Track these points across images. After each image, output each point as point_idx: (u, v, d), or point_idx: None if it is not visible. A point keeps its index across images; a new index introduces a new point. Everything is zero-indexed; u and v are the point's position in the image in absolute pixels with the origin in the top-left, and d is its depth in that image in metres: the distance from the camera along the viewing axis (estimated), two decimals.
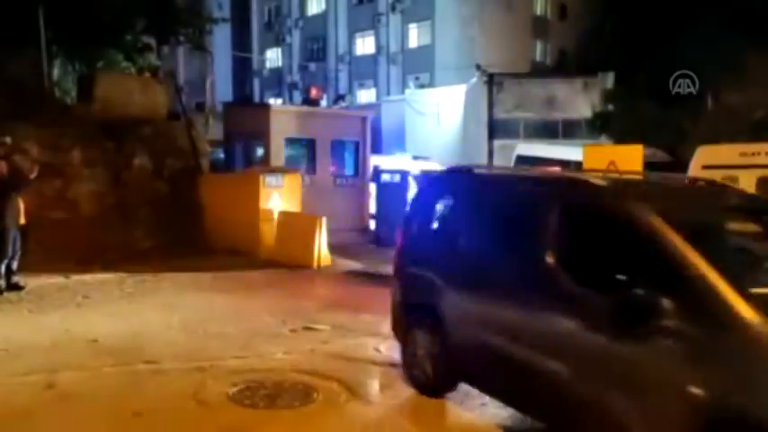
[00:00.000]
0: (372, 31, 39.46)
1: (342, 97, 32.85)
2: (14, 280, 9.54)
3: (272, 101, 38.56)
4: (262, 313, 8.60)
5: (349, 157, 16.91)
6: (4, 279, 9.42)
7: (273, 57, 46.31)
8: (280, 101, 40.91)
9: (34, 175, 10.07)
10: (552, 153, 23.17)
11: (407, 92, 34.77)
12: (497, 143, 25.57)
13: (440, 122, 29.99)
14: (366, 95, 39.41)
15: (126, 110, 14.30)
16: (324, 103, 24.20)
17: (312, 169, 15.73)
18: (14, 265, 9.54)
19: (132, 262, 11.59)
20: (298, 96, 39.51)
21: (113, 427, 4.94)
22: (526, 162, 22.73)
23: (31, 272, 9.98)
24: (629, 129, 22.96)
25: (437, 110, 30.17)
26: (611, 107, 26.95)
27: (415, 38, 37.96)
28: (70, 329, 7.54)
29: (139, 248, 12.70)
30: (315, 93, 18.54)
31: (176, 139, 15.33)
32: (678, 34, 22.89)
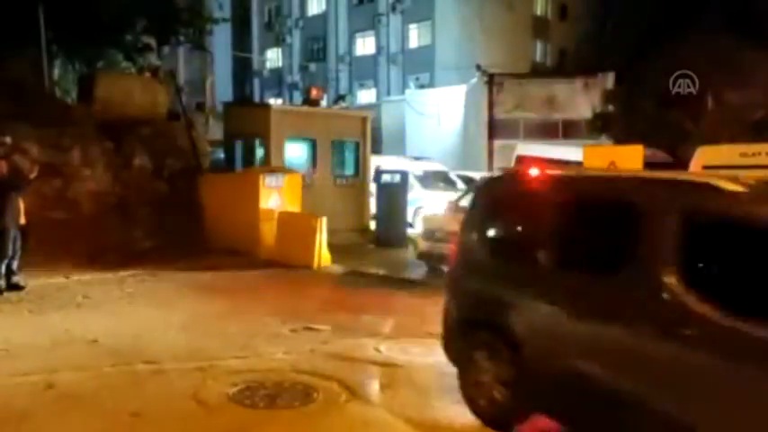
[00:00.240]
0: (373, 32, 39.48)
1: (342, 97, 32.79)
2: (14, 280, 9.54)
3: (272, 101, 38.51)
4: (262, 313, 8.60)
5: (349, 157, 16.90)
6: (4, 279, 9.42)
7: (274, 57, 46.32)
8: (280, 101, 40.89)
9: (34, 175, 10.08)
10: (552, 153, 23.16)
11: (408, 92, 34.79)
12: (497, 143, 25.56)
13: (440, 123, 29.99)
14: (366, 96, 39.41)
15: (126, 110, 14.31)
16: (324, 103, 24.16)
17: (312, 169, 15.72)
18: (14, 264, 9.54)
19: (132, 262, 11.59)
20: (298, 97, 39.51)
21: (113, 428, 4.93)
22: (526, 162, 22.73)
23: (32, 272, 9.99)
24: (629, 129, 22.95)
25: (437, 110, 30.16)
26: (611, 107, 26.92)
27: (415, 38, 37.99)
28: (70, 329, 7.54)
29: (139, 248, 12.70)
30: (315, 93, 18.49)
31: (176, 139, 15.34)
32: (678, 34, 22.89)
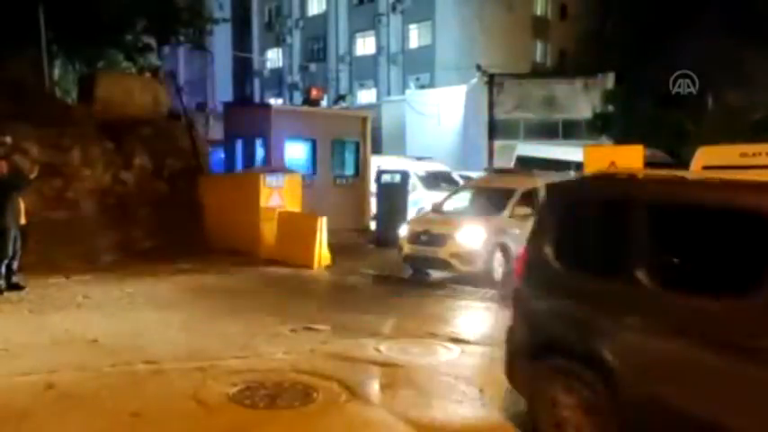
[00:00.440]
0: (373, 32, 39.48)
1: (342, 97, 32.81)
2: (15, 280, 9.54)
3: (272, 101, 38.55)
4: (262, 313, 8.60)
5: (349, 157, 16.91)
6: (4, 279, 9.43)
7: (274, 57, 46.33)
8: (280, 101, 40.92)
9: (34, 175, 10.09)
10: (552, 154, 23.19)
11: (408, 92, 34.81)
12: (498, 143, 25.59)
13: (440, 123, 30.02)
14: (366, 96, 39.42)
15: (126, 110, 14.30)
16: (324, 103, 24.17)
17: (312, 169, 15.72)
18: (15, 264, 9.55)
19: (132, 262, 11.60)
20: (298, 97, 39.52)
21: (113, 428, 4.93)
22: (526, 163, 22.78)
23: (32, 272, 9.99)
24: (629, 129, 22.99)
25: (437, 110, 30.20)
26: (611, 108, 26.97)
27: (415, 38, 37.99)
28: (70, 329, 7.54)
29: (139, 248, 12.71)
30: (315, 93, 18.50)
31: (177, 139, 15.34)
32: (678, 35, 22.90)
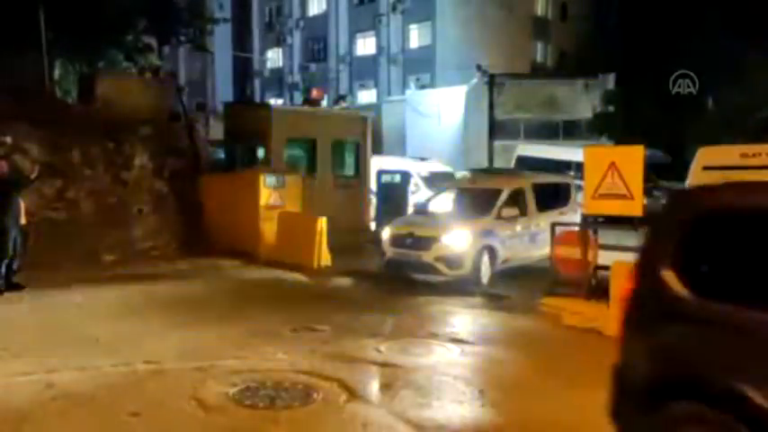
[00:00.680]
0: (373, 32, 39.47)
1: (342, 98, 32.78)
2: (15, 280, 9.55)
3: (272, 101, 38.54)
4: (262, 313, 8.60)
5: (349, 157, 16.89)
6: (4, 279, 9.43)
7: (274, 57, 46.32)
8: (280, 101, 40.90)
9: (35, 175, 10.10)
10: (553, 154, 23.19)
11: (408, 92, 34.80)
12: (498, 144, 25.58)
13: (440, 123, 30.00)
14: (367, 96, 39.39)
15: (126, 110, 14.29)
16: (324, 103, 24.16)
17: (313, 170, 15.71)
18: (15, 264, 9.55)
19: (132, 262, 11.60)
20: (298, 97, 39.47)
21: (113, 428, 4.93)
22: (526, 163, 22.79)
23: (32, 272, 9.98)
24: (629, 130, 22.97)
25: (438, 110, 30.18)
26: (611, 108, 26.96)
27: (415, 38, 37.98)
28: (70, 329, 7.55)
29: (140, 248, 12.71)
30: (315, 93, 18.49)
31: (177, 139, 15.33)
32: (679, 36, 22.91)
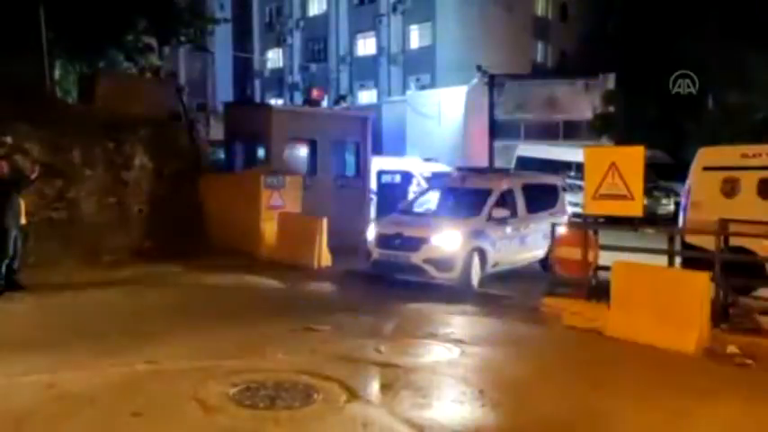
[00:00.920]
0: (373, 32, 39.46)
1: (343, 98, 32.84)
2: (15, 279, 9.55)
3: (273, 101, 38.54)
4: (262, 313, 8.61)
5: (350, 157, 16.88)
6: (4, 279, 9.43)
7: (274, 57, 46.34)
8: (281, 101, 40.91)
9: (35, 175, 10.10)
10: (553, 154, 23.21)
11: (408, 93, 34.82)
12: (498, 144, 25.60)
13: (441, 123, 30.00)
14: (367, 96, 39.39)
15: (127, 110, 14.28)
16: (325, 103, 24.16)
17: (313, 170, 15.70)
18: (15, 264, 9.55)
19: (133, 262, 11.60)
20: (298, 97, 39.52)
21: (113, 428, 4.93)
22: (527, 163, 22.80)
23: (32, 272, 9.99)
24: (629, 130, 22.97)
25: (438, 111, 30.18)
26: (611, 108, 26.95)
27: (416, 39, 37.98)
28: (70, 329, 7.55)
29: (140, 248, 12.71)
30: (316, 93, 18.49)
31: (177, 139, 15.33)
32: (679, 36, 22.90)
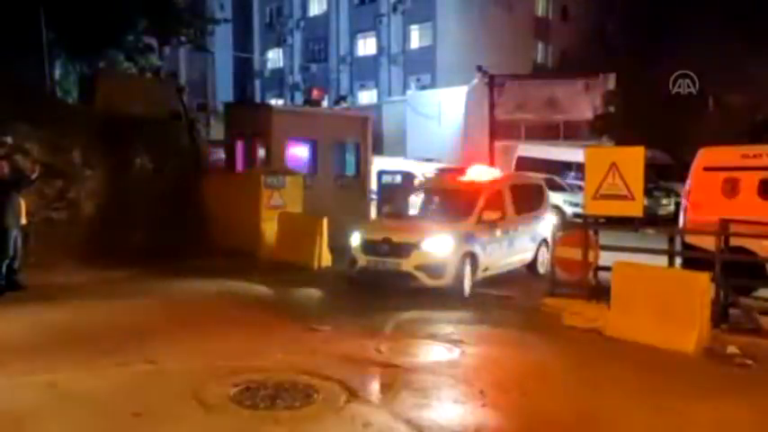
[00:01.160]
0: (374, 32, 39.47)
1: (343, 98, 32.84)
2: (15, 279, 9.55)
3: (273, 102, 38.54)
4: (262, 313, 8.61)
5: (350, 158, 16.89)
6: (4, 279, 9.43)
7: (275, 57, 46.34)
8: (281, 102, 40.90)
9: (35, 175, 10.09)
10: (553, 154, 23.20)
11: (409, 93, 34.81)
12: (498, 144, 25.53)
13: (441, 123, 29.99)
14: (367, 96, 39.39)
15: (127, 110, 14.28)
16: (325, 103, 24.18)
17: (313, 170, 15.70)
18: (16, 264, 9.55)
19: (133, 262, 11.58)
20: (299, 97, 39.52)
21: (113, 428, 4.93)
22: (527, 163, 22.80)
23: (32, 272, 9.98)
24: (630, 130, 22.97)
25: (438, 111, 30.17)
26: (612, 108, 26.91)
27: (416, 39, 37.98)
28: (71, 329, 7.55)
29: (140, 248, 12.68)
30: (316, 93, 18.51)
31: (177, 139, 15.34)
32: (680, 36, 22.90)
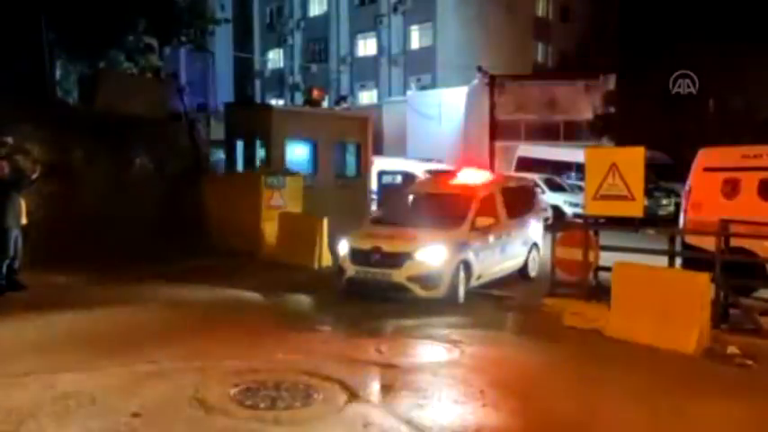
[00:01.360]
0: (374, 33, 39.46)
1: (343, 98, 32.80)
2: (16, 279, 9.55)
3: (273, 102, 38.54)
4: (263, 313, 8.62)
5: (350, 158, 16.90)
6: (5, 279, 9.43)
7: (275, 58, 46.33)
8: (281, 102, 40.91)
9: (36, 176, 10.10)
10: (553, 155, 23.21)
11: (409, 93, 34.79)
12: (498, 144, 25.57)
13: (441, 124, 29.98)
14: (367, 97, 39.39)
15: (127, 110, 14.30)
16: (325, 104, 24.16)
17: (314, 170, 15.71)
18: (16, 264, 9.56)
19: (133, 262, 11.59)
20: (299, 97, 39.51)
21: (113, 428, 4.92)
22: (527, 164, 22.81)
23: (33, 271, 9.98)
24: (630, 131, 22.99)
25: (438, 111, 30.17)
26: (612, 109, 26.95)
27: (416, 39, 37.98)
28: (71, 329, 7.55)
29: (141, 248, 12.69)
30: (316, 94, 18.50)
31: (178, 139, 15.35)
32: (680, 37, 22.92)
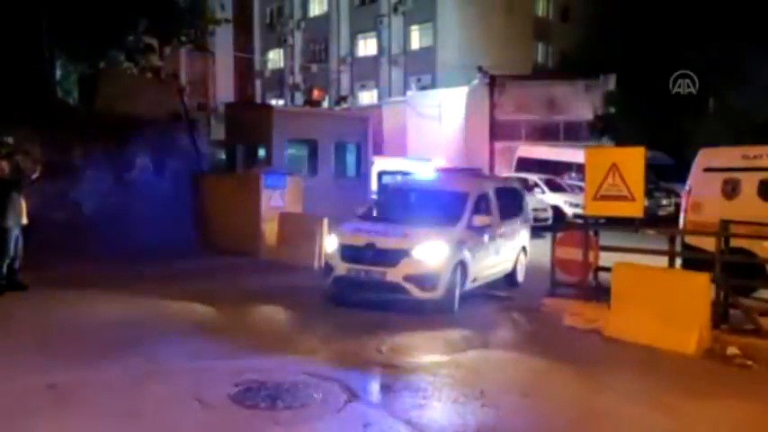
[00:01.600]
0: (374, 33, 39.45)
1: (343, 98, 32.84)
2: (16, 279, 9.55)
3: (273, 102, 38.54)
4: (263, 313, 8.62)
5: (350, 158, 16.90)
6: (5, 279, 9.43)
7: (275, 58, 46.34)
8: (281, 102, 40.90)
9: (36, 176, 10.10)
10: (553, 155, 23.20)
11: (409, 93, 34.75)
12: (499, 145, 25.58)
13: (441, 124, 29.96)
14: (368, 97, 39.37)
15: (128, 110, 14.32)
16: (325, 104, 24.19)
17: (314, 170, 15.71)
18: (16, 264, 9.55)
19: (133, 262, 11.59)
20: (299, 98, 39.51)
21: (113, 428, 4.93)
22: (527, 164, 22.81)
23: (33, 271, 9.98)
24: (630, 131, 22.99)
25: (439, 111, 30.15)
26: (612, 109, 26.94)
27: (416, 39, 37.97)
28: (71, 329, 7.55)
29: (141, 248, 12.70)
30: (317, 94, 18.55)
31: (178, 139, 15.37)
32: (680, 37, 22.92)
